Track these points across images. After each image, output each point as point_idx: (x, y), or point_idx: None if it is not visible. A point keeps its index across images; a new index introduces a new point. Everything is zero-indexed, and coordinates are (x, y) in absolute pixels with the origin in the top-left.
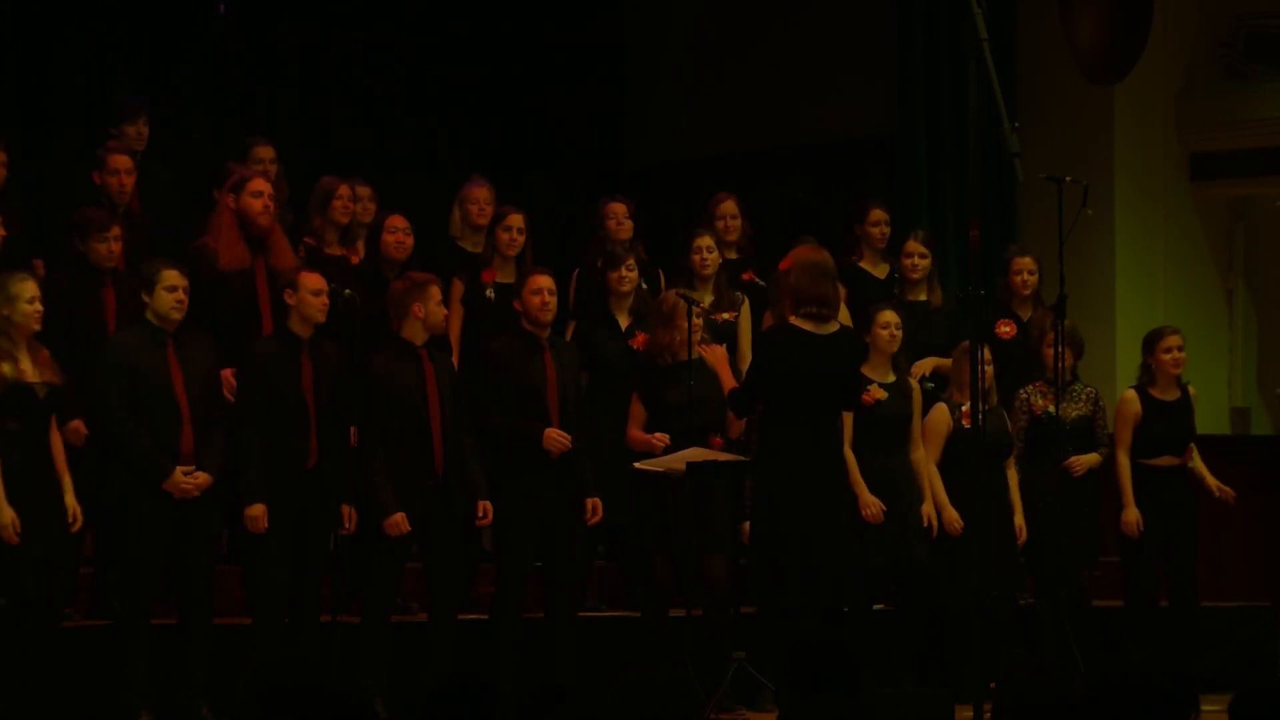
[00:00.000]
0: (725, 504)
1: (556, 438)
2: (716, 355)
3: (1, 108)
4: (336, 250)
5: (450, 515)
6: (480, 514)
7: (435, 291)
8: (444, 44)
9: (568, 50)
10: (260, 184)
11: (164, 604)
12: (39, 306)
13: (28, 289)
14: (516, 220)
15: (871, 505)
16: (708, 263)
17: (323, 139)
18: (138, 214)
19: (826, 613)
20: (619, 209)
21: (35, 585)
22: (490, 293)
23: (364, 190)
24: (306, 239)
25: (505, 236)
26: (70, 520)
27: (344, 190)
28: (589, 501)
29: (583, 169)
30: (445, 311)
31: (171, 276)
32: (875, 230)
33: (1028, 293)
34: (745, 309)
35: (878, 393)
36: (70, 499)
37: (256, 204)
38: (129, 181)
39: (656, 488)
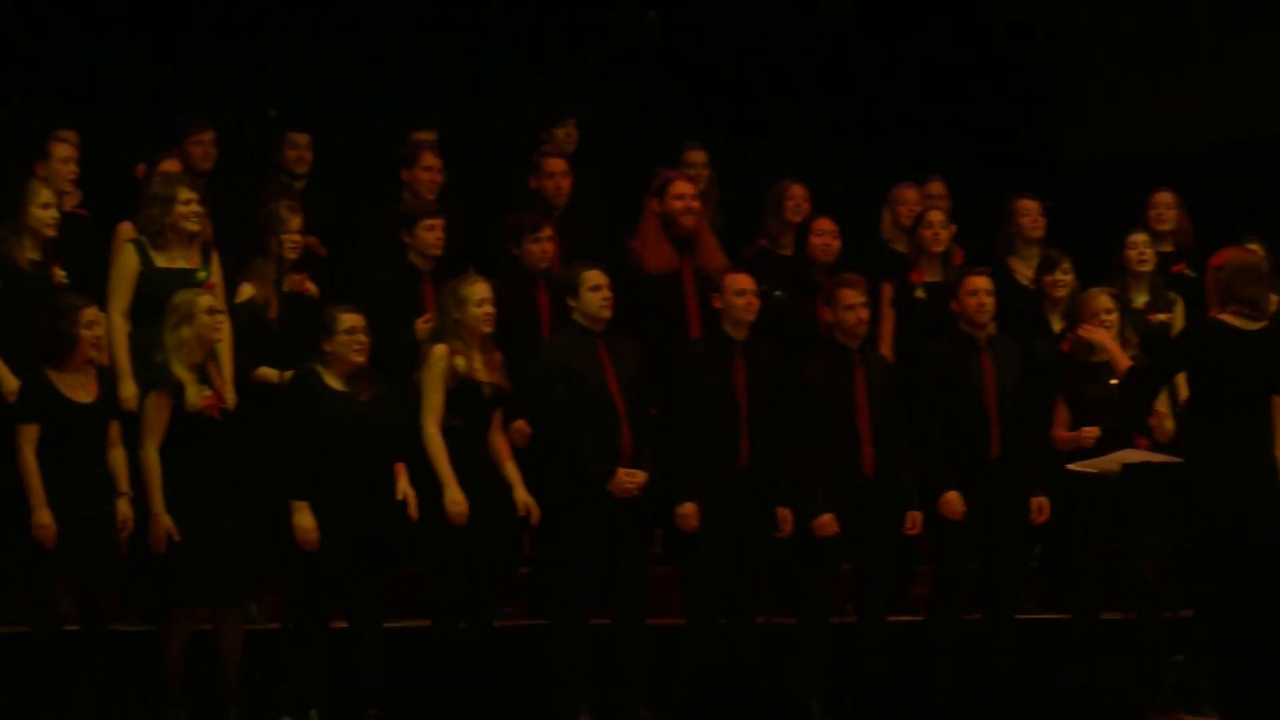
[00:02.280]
0: (1156, 505)
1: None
2: (1098, 335)
3: (440, 114)
4: (790, 251)
5: (881, 517)
6: (909, 525)
7: (589, 277)
8: (872, 39)
9: (1000, 44)
10: (682, 186)
11: (600, 605)
12: (489, 309)
13: (477, 291)
14: (937, 217)
15: None
16: (1145, 259)
17: (757, 141)
18: (572, 218)
19: (1271, 618)
20: (1032, 206)
21: (471, 583)
22: (920, 293)
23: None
24: (760, 241)
25: (928, 234)
26: (522, 513)
27: (797, 191)
28: (1034, 501)
29: (1013, 164)
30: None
31: (593, 277)
32: None
33: None
34: (1179, 309)
35: None
36: (521, 493)
37: (679, 205)
38: (565, 184)
39: (1088, 489)
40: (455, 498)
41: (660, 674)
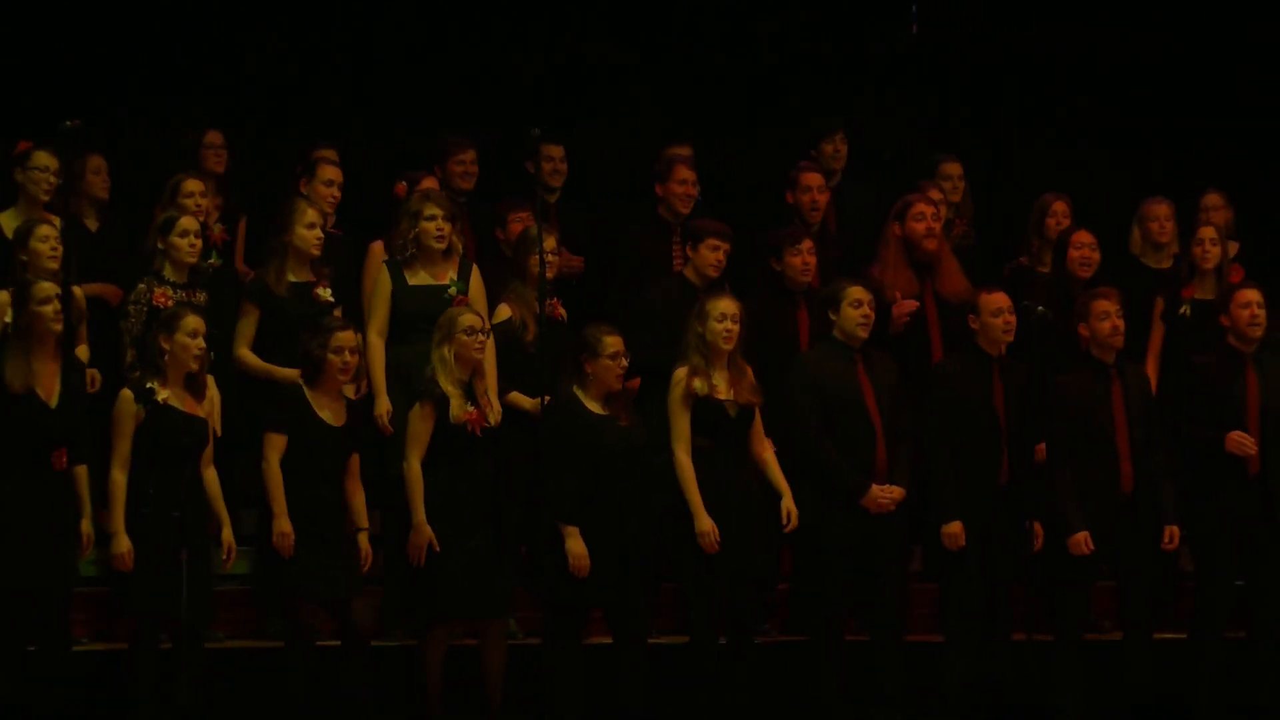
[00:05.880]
0: None
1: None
2: None
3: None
4: (1049, 269)
5: (1140, 532)
6: (1166, 539)
7: (851, 292)
8: (1151, 51)
9: None
10: (922, 207)
11: (858, 621)
12: (730, 325)
13: (720, 307)
14: (1209, 233)
15: None
16: None
17: (1010, 154)
18: (832, 234)
19: None
20: None
21: (730, 597)
22: (1185, 309)
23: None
24: (1021, 259)
25: (1198, 250)
26: (784, 522)
27: (1059, 207)
28: None
29: None
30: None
31: (855, 292)
32: None
33: None
34: None
35: None
36: (789, 502)
37: (920, 228)
38: (822, 200)
39: None
40: (704, 529)
41: (917, 691)
